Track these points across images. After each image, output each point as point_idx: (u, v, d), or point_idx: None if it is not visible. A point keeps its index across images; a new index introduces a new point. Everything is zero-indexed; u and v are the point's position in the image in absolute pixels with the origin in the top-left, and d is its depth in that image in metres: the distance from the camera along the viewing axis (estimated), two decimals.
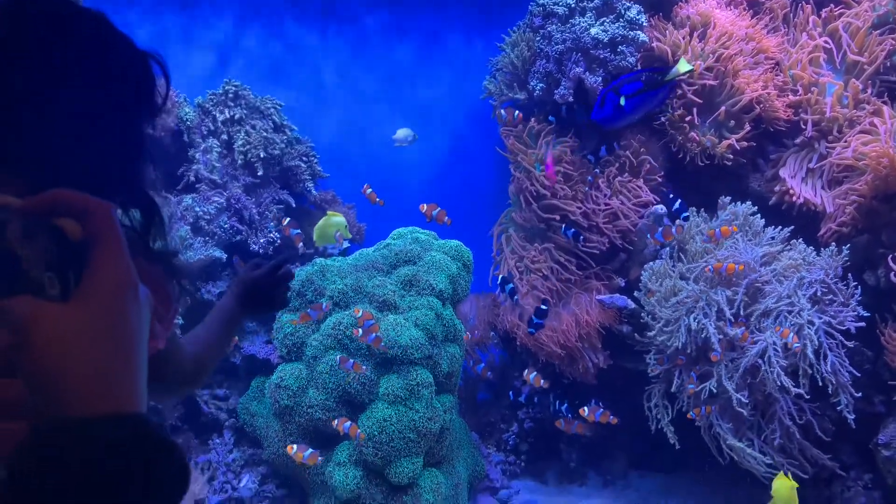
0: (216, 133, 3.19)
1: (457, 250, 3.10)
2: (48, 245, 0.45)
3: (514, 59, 3.31)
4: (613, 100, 2.18)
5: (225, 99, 3.26)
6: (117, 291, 0.46)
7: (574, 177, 3.30)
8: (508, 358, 3.62)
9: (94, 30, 0.88)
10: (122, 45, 0.89)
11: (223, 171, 3.12)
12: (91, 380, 0.44)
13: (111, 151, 0.92)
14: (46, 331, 0.44)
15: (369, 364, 2.79)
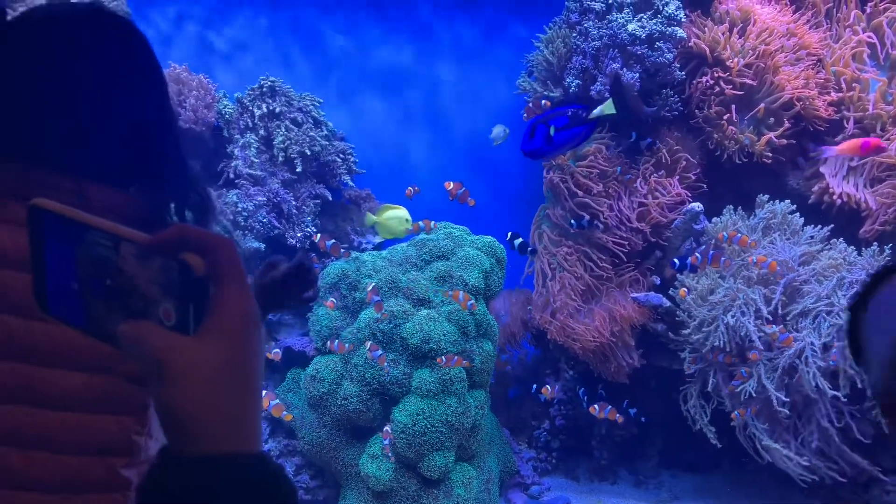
0: (254, 129, 3.23)
1: (490, 246, 3.10)
2: (175, 278, 0.45)
3: (549, 56, 3.30)
4: (543, 131, 2.14)
5: (262, 94, 3.30)
6: (245, 327, 0.46)
7: (609, 174, 3.28)
8: (540, 354, 3.61)
9: (132, 39, 0.92)
10: (149, 52, 0.92)
11: (262, 167, 3.17)
12: (219, 417, 0.45)
13: (161, 145, 0.95)
14: (178, 364, 0.44)
15: (403, 358, 2.81)
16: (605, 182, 3.27)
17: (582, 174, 3.24)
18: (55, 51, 0.86)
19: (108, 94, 0.89)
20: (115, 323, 0.47)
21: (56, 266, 0.51)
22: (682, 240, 3.23)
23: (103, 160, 0.88)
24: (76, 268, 0.49)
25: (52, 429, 0.84)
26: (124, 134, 0.90)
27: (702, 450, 3.21)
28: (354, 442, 2.91)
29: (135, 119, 0.91)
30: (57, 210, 0.50)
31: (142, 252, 0.46)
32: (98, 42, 0.88)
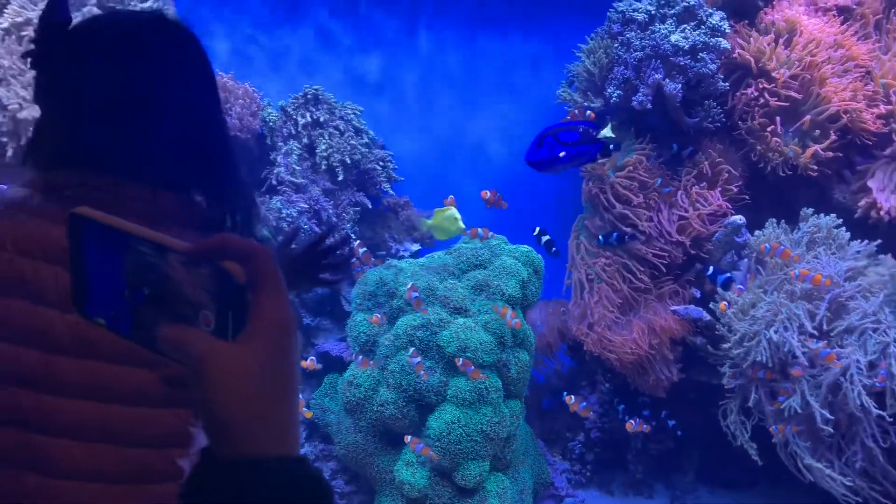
0: (297, 136, 3.29)
1: (527, 256, 3.10)
2: (215, 286, 0.47)
3: (590, 66, 3.30)
4: (551, 143, 2.10)
5: (305, 102, 3.35)
6: (283, 334, 0.48)
7: (649, 185, 3.25)
8: (576, 366, 3.59)
9: (194, 47, 0.95)
10: (207, 60, 0.95)
11: (304, 174, 3.22)
12: (258, 421, 0.46)
13: (219, 152, 0.98)
14: (219, 368, 0.45)
15: (439, 366, 2.82)
16: (645, 193, 3.25)
17: (622, 185, 3.22)
18: (125, 58, 0.89)
19: (174, 102, 0.92)
20: (153, 328, 0.48)
21: (97, 273, 0.52)
22: (724, 252, 3.19)
23: (169, 167, 0.91)
24: (123, 275, 0.50)
25: (117, 423, 0.87)
26: (188, 141, 0.94)
27: (741, 466, 3.16)
28: (389, 448, 2.92)
29: (198, 126, 0.94)
30: (99, 219, 0.51)
31: (184, 260, 0.48)
32: (165, 50, 0.91)
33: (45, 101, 0.92)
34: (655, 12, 3.12)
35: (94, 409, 0.86)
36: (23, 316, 0.85)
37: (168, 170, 0.91)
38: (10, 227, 0.87)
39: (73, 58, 0.90)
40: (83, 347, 0.86)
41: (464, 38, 3.84)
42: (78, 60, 0.89)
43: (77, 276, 0.53)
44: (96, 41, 0.91)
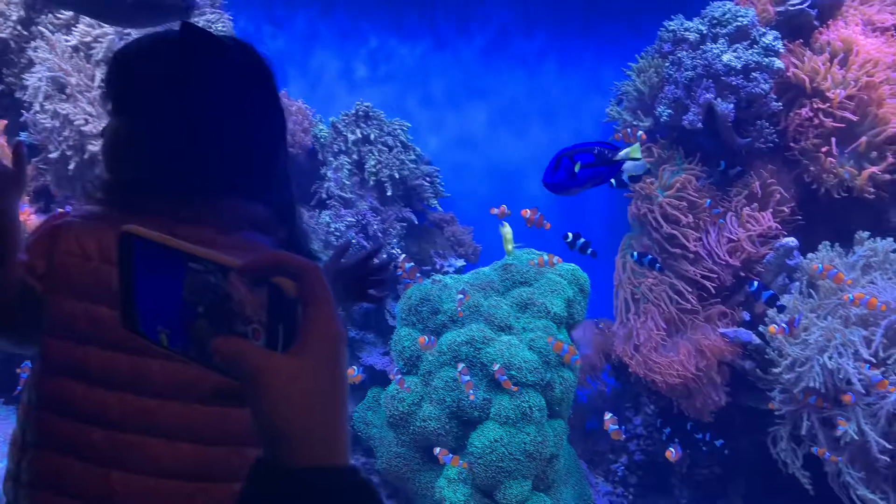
0: (347, 152, 3.34)
1: (573, 274, 3.09)
2: (267, 301, 0.48)
3: (640, 86, 3.28)
4: (567, 166, 2.07)
5: (356, 119, 3.41)
6: (334, 347, 0.49)
7: (698, 205, 3.22)
8: (620, 387, 3.55)
9: (266, 69, 0.98)
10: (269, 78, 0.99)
11: (352, 189, 3.27)
12: (311, 431, 0.48)
13: (282, 167, 1.02)
14: (273, 380, 0.47)
15: (483, 383, 2.82)
16: (694, 213, 3.21)
17: (670, 204, 3.19)
18: (218, 82, 0.94)
19: (252, 121, 0.96)
20: (209, 343, 0.50)
21: (148, 289, 0.54)
22: (775, 275, 3.13)
23: (239, 183, 0.95)
24: (175, 291, 0.52)
25: (198, 421, 0.91)
26: (264, 157, 0.98)
27: (790, 495, 3.07)
28: (431, 464, 2.92)
29: (269, 143, 0.99)
30: (151, 237, 0.53)
31: (236, 276, 0.49)
32: (245, 73, 0.96)
33: (121, 118, 0.96)
34: (707, 32, 3.10)
35: (178, 408, 0.90)
36: (112, 322, 0.89)
37: (238, 186, 0.94)
38: (95, 237, 0.92)
39: (147, 78, 0.94)
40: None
41: (509, 53, 3.86)
42: (154, 81, 0.93)
43: (126, 293, 0.55)
44: (173, 63, 0.94)
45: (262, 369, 0.47)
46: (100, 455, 0.90)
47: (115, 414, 0.90)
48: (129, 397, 0.90)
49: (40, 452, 0.92)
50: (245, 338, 0.49)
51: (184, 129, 0.92)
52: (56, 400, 0.92)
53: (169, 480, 0.90)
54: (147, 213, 0.91)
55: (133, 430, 0.90)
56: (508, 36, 3.85)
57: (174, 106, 0.92)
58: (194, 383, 0.90)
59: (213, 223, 0.92)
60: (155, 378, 0.90)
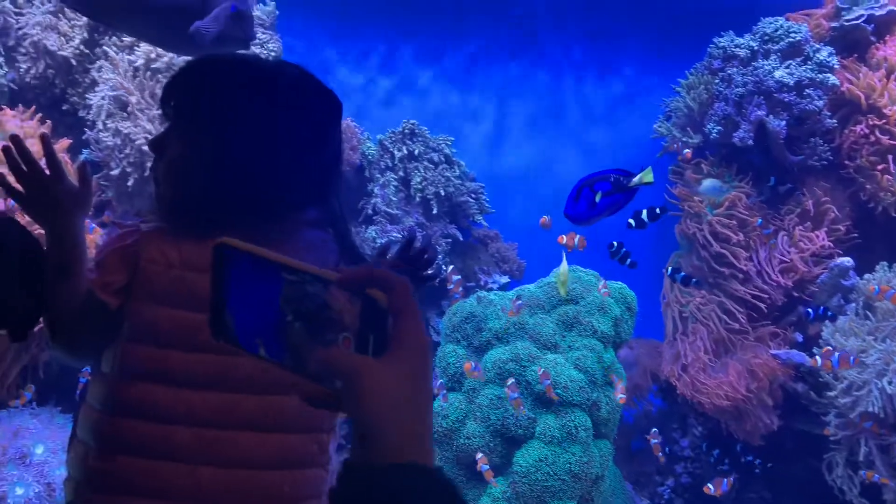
0: (394, 169, 3.38)
1: (620, 292, 3.05)
2: (362, 310, 0.52)
3: (689, 102, 3.25)
4: (588, 196, 2.05)
5: (402, 137, 3.45)
6: (423, 354, 0.53)
7: (748, 223, 3.16)
8: (667, 408, 3.49)
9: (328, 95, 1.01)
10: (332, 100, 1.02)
11: (398, 205, 3.30)
12: (403, 432, 0.51)
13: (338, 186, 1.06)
14: (369, 383, 0.50)
15: (528, 401, 2.80)
16: (744, 231, 3.15)
17: (720, 223, 3.15)
18: (285, 103, 0.97)
19: (316, 141, 1.00)
20: (306, 351, 0.52)
21: (239, 299, 0.56)
22: (829, 296, 3.05)
23: (309, 200, 0.99)
24: (267, 302, 0.54)
25: (283, 411, 0.95)
26: (323, 175, 1.02)
27: None
28: (475, 481, 2.91)
29: (329, 161, 1.03)
30: (246, 249, 0.55)
31: (335, 287, 0.52)
32: (313, 98, 1.00)
33: (184, 136, 0.99)
34: (758, 48, 3.06)
35: (264, 400, 0.94)
36: (197, 324, 0.91)
37: (299, 203, 0.98)
38: (175, 247, 0.95)
39: (215, 96, 0.97)
40: None
41: (554, 70, 3.86)
42: (220, 100, 0.97)
43: (218, 304, 0.57)
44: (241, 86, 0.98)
45: (358, 373, 0.50)
46: (187, 454, 0.93)
47: (201, 412, 0.93)
48: (217, 395, 0.94)
49: (122, 458, 0.95)
50: (355, 345, 0.52)
51: (249, 149, 0.95)
52: (137, 404, 0.95)
53: (258, 471, 0.94)
54: (209, 230, 0.94)
55: (220, 426, 0.94)
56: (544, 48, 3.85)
57: (239, 125, 0.95)
58: (276, 376, 0.93)
59: (276, 236, 0.95)
60: (240, 374, 0.94)
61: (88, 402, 1.01)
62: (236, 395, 0.94)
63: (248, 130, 0.95)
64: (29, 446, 2.17)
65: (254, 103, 0.96)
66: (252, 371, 0.93)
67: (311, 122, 0.99)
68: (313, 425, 0.98)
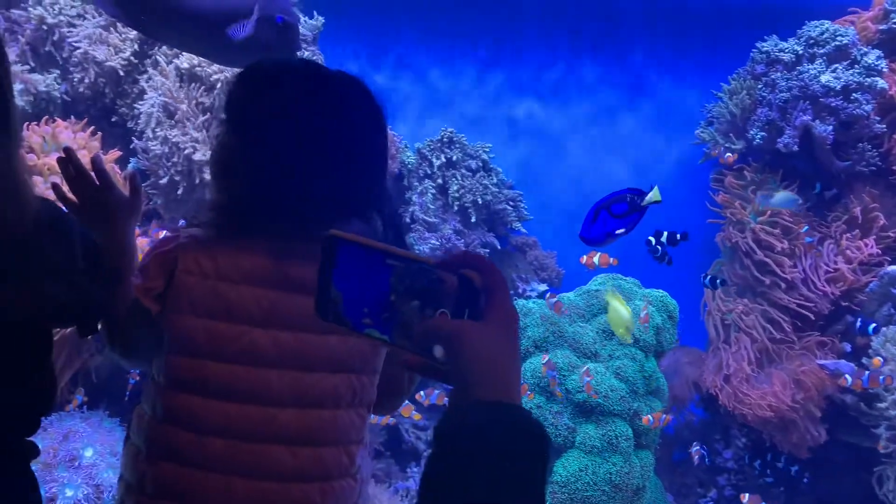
0: (432, 177, 3.39)
1: (662, 300, 3.02)
2: (459, 288, 0.61)
3: (731, 108, 3.21)
4: (605, 218, 2.03)
5: (441, 145, 3.46)
6: (513, 319, 0.63)
7: (793, 230, 3.10)
8: (709, 418, 3.43)
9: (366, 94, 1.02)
10: (380, 110, 1.03)
11: (436, 213, 3.31)
12: (499, 378, 0.60)
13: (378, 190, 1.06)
14: (471, 340, 0.59)
15: (567, 410, 2.78)
16: (789, 239, 3.09)
17: (763, 230, 3.09)
18: (336, 109, 0.98)
19: (364, 147, 1.00)
20: (411, 325, 0.61)
21: (345, 283, 0.63)
22: (878, 305, 2.97)
23: (349, 203, 0.99)
24: (377, 286, 0.62)
25: (315, 425, 0.96)
26: (371, 181, 1.02)
27: None
28: None
29: (377, 168, 1.03)
30: (352, 239, 0.63)
31: (432, 270, 0.61)
32: (359, 101, 1.01)
33: (239, 138, 1.01)
34: (803, 52, 3.01)
35: (297, 414, 0.96)
36: (231, 336, 0.95)
37: (348, 209, 0.99)
38: (210, 257, 0.97)
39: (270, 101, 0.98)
40: (287, 359, 0.96)
41: (602, 72, 3.84)
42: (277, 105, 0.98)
43: (324, 289, 0.64)
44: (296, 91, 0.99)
45: (461, 332, 0.59)
46: (221, 464, 0.95)
47: (237, 424, 0.95)
48: (251, 407, 0.95)
49: (165, 464, 0.97)
50: (453, 314, 0.61)
51: (301, 153, 0.96)
52: (178, 414, 0.97)
53: (291, 484, 0.95)
54: (257, 234, 0.96)
55: (255, 439, 0.95)
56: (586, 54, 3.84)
57: (285, 131, 0.96)
58: (310, 389, 0.95)
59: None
60: (274, 387, 0.95)
61: (142, 404, 1.03)
62: (270, 409, 0.95)
63: (295, 136, 0.96)
64: (79, 449, 2.22)
65: (302, 109, 0.97)
66: (285, 385, 0.95)
67: (358, 132, 0.99)
68: (344, 437, 0.98)
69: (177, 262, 0.97)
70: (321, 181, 0.96)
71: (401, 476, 3.17)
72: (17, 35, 2.91)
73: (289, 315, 0.95)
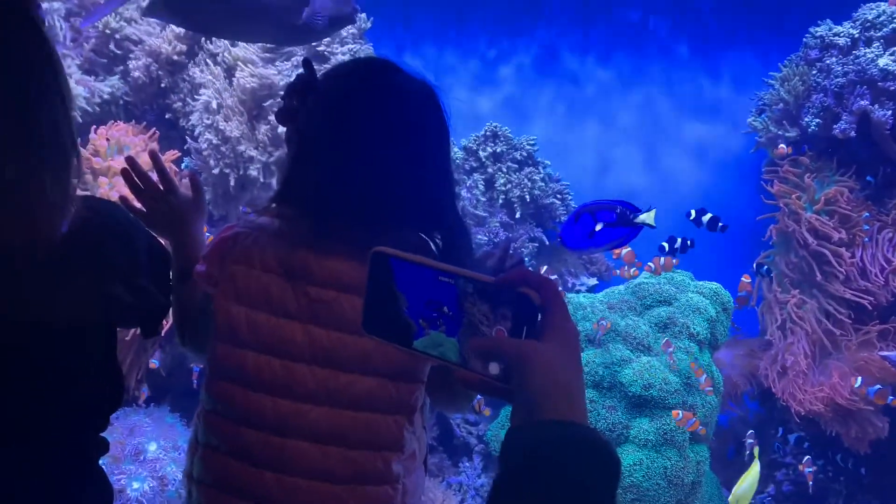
0: (479, 170, 3.41)
1: (716, 292, 2.98)
2: (516, 306, 0.60)
3: (784, 95, 3.15)
4: (587, 222, 1.92)
5: (485, 140, 3.47)
6: (573, 338, 0.62)
7: (852, 219, 3.04)
8: (765, 413, 3.39)
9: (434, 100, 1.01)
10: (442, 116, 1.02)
11: (484, 207, 3.32)
12: (564, 396, 0.59)
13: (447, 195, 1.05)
14: (536, 359, 0.59)
15: (621, 405, 2.77)
16: (847, 228, 3.03)
17: (818, 220, 3.03)
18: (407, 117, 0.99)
19: (431, 155, 1.00)
20: (466, 342, 0.60)
21: (393, 299, 0.62)
22: None
23: (407, 210, 0.99)
24: (427, 301, 0.61)
25: (346, 426, 0.96)
26: (435, 188, 1.01)
27: None
28: None
29: (441, 176, 1.03)
30: (402, 256, 0.62)
31: (488, 288, 0.60)
32: (434, 113, 1.01)
33: (312, 139, 1.02)
34: (859, 35, 2.95)
35: (328, 413, 0.96)
36: (269, 328, 0.96)
37: (405, 212, 0.98)
38: (258, 248, 0.98)
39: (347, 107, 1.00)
40: (320, 356, 0.96)
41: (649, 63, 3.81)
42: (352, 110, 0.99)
43: (373, 302, 0.63)
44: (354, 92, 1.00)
45: (526, 351, 0.59)
46: (255, 456, 0.96)
47: (270, 417, 0.96)
48: (283, 402, 0.96)
49: (207, 451, 1.00)
50: (514, 333, 0.60)
51: (372, 154, 0.96)
52: (220, 402, 0.99)
53: (319, 482, 0.95)
54: (307, 228, 0.97)
55: (285, 433, 0.96)
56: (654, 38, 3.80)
57: (344, 131, 0.97)
58: (344, 389, 0.95)
59: (364, 242, 0.96)
60: (307, 383, 0.95)
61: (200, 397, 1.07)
62: (303, 405, 0.95)
63: (352, 136, 0.96)
64: (143, 443, 2.29)
65: (362, 110, 0.97)
66: (318, 382, 0.95)
67: (427, 142, 0.99)
68: (379, 442, 0.97)
69: (231, 251, 0.99)
70: (387, 184, 0.96)
71: (453, 471, 3.19)
72: (81, 43, 3.01)
73: (327, 313, 0.95)
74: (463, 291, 0.60)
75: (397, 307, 0.62)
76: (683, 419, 2.56)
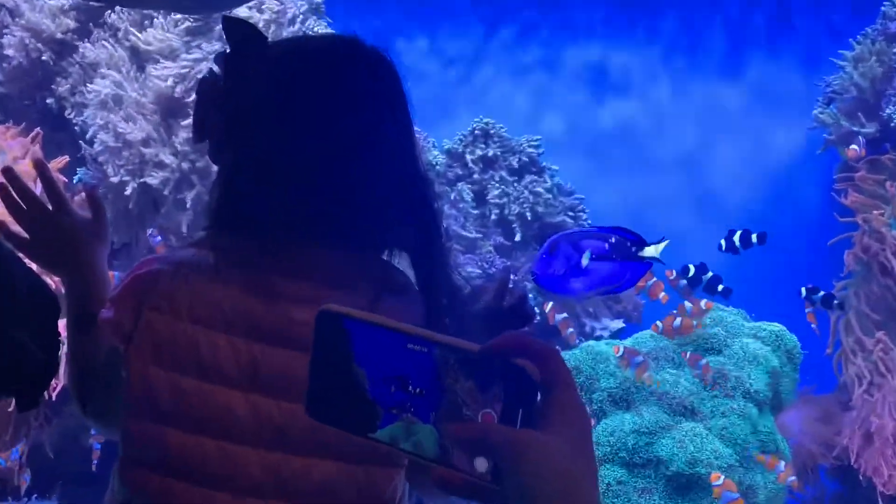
0: (465, 179, 3.43)
1: (777, 337, 3.02)
2: (509, 383, 0.59)
3: (858, 80, 3.23)
4: (567, 255, 1.79)
5: (474, 140, 3.50)
6: (586, 423, 0.61)
7: None
8: (846, 491, 3.42)
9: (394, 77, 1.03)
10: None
11: (473, 226, 3.34)
12: (573, 499, 0.58)
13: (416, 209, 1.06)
14: (535, 454, 0.57)
15: (658, 486, 2.78)
16: None
17: None
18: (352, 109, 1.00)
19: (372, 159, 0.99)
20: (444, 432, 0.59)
21: (346, 372, 0.61)
22: None
23: (365, 228, 0.99)
24: (391, 376, 0.60)
25: None
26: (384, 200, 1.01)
27: None
28: None
29: (397, 183, 1.01)
30: (360, 317, 0.61)
31: (476, 358, 0.59)
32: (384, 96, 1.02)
33: (223, 159, 1.02)
34: None
35: None
36: (199, 398, 0.95)
37: (364, 231, 0.99)
38: (185, 292, 0.96)
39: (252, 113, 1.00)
40: (268, 436, 0.95)
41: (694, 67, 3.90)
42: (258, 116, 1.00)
43: (314, 376, 0.63)
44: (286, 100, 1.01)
45: (519, 443, 0.57)
46: None
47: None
48: (221, 496, 0.94)
49: None
50: (506, 418, 0.59)
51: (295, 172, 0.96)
52: (137, 495, 0.97)
53: None
54: (252, 264, 0.97)
55: None
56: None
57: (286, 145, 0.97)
58: (298, 479, 0.95)
59: (330, 279, 0.96)
60: (251, 471, 0.94)
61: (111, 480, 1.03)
62: (245, 501, 0.94)
63: (318, 140, 0.97)
64: None
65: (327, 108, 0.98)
66: (267, 470, 0.94)
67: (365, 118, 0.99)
68: None
69: (149, 293, 0.97)
70: (367, 197, 0.97)
71: None
72: None
73: (276, 379, 0.94)
74: (441, 362, 0.59)
75: (355, 384, 0.61)
76: (723, 486, 2.59)
